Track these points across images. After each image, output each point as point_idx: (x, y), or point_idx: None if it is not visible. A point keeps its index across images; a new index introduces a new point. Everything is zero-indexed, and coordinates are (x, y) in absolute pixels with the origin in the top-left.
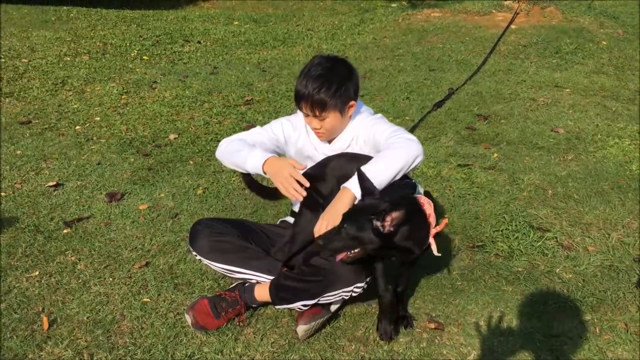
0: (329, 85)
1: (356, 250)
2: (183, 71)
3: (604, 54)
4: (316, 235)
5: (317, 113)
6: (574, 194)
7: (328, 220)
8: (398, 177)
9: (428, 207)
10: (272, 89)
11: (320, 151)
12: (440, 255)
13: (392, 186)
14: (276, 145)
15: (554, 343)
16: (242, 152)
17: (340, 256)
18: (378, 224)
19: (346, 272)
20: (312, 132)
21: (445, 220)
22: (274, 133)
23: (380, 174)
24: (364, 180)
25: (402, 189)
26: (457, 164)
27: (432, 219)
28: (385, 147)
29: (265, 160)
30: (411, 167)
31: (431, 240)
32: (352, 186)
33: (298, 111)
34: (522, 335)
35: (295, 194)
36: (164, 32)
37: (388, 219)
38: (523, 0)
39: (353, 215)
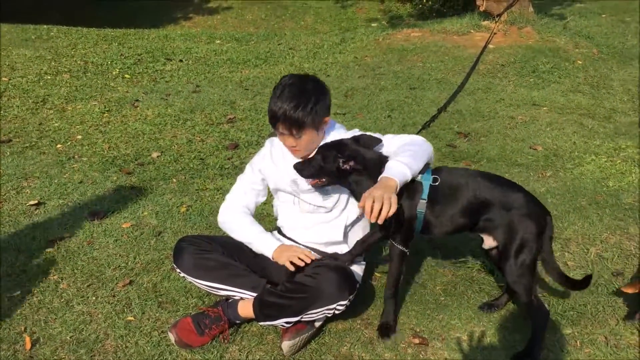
0: (305, 104)
1: (323, 180)
2: (165, 90)
3: (579, 73)
4: (374, 212)
5: (294, 132)
6: (553, 210)
7: (381, 197)
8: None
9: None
10: (255, 107)
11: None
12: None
13: None
14: (264, 184)
15: None
16: (248, 235)
17: (312, 182)
18: (340, 162)
19: (329, 290)
20: (276, 155)
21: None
22: (254, 176)
23: (413, 163)
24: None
25: None
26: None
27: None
28: (409, 143)
29: (274, 250)
30: (429, 160)
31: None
32: (394, 175)
33: (266, 142)
34: (504, 350)
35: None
36: (145, 51)
37: (352, 164)
38: (500, 21)
39: (325, 149)
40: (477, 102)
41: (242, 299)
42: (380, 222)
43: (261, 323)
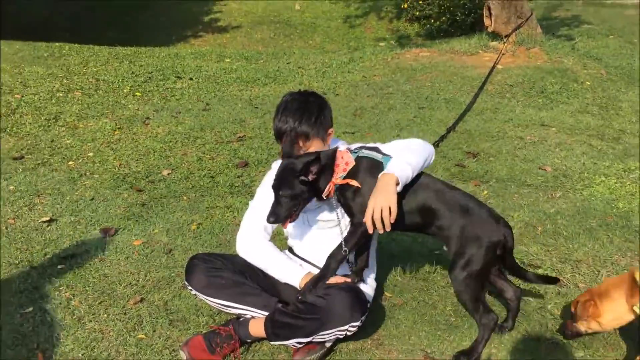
0: (309, 116)
1: (297, 209)
2: (175, 107)
3: (588, 94)
4: (373, 220)
5: (301, 144)
6: (563, 231)
7: (382, 205)
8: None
9: (341, 160)
10: (265, 125)
11: None
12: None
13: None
14: None
15: None
16: (273, 265)
17: (287, 221)
18: (303, 178)
19: (342, 311)
20: None
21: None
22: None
23: (413, 160)
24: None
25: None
26: None
27: (337, 169)
28: (406, 144)
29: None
30: (429, 163)
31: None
32: (394, 171)
33: (272, 165)
34: None
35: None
36: (156, 69)
37: (312, 169)
38: (508, 42)
39: (282, 182)
40: (486, 122)
41: (253, 317)
42: (387, 229)
43: (272, 342)
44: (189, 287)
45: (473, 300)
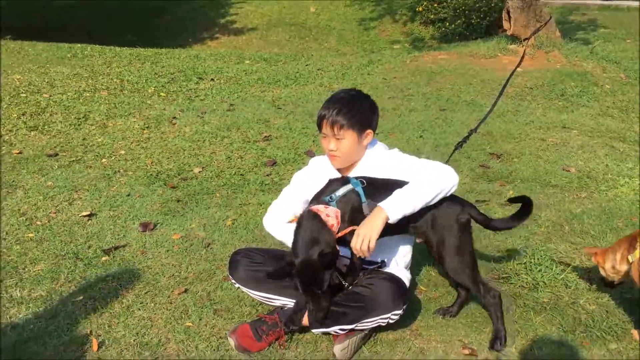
0: (349, 108)
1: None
2: (200, 107)
3: (608, 97)
4: (356, 250)
5: (336, 131)
6: (590, 230)
7: (364, 237)
8: (432, 203)
9: (327, 218)
10: (289, 125)
11: None
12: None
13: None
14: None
15: None
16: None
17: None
18: (336, 273)
19: (385, 300)
20: (319, 174)
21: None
22: (299, 186)
23: (415, 198)
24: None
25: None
26: (475, 200)
27: (333, 228)
28: (425, 173)
29: None
30: (446, 195)
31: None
32: (387, 207)
33: (311, 160)
34: None
35: None
36: (178, 70)
37: (342, 265)
38: (528, 45)
39: (314, 280)
40: (507, 124)
41: None
42: (367, 256)
43: (315, 331)
44: (232, 281)
45: (473, 281)
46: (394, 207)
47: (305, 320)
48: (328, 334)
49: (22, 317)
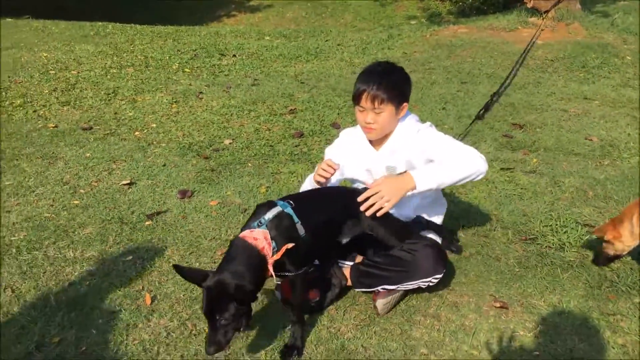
0: (389, 81)
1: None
2: (225, 82)
3: (629, 69)
4: (370, 201)
5: (376, 105)
6: (614, 195)
7: (386, 195)
8: (456, 184)
9: (260, 242)
10: (313, 99)
11: (371, 158)
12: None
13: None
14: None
15: (610, 320)
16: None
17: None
18: (237, 301)
19: (427, 265)
20: (351, 146)
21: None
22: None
23: (445, 176)
24: None
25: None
26: (500, 167)
27: (265, 251)
28: (458, 155)
29: None
30: (472, 180)
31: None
32: (417, 177)
33: (340, 133)
34: (581, 314)
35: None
36: (200, 47)
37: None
38: (547, 18)
39: (219, 309)
40: (529, 96)
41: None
42: (368, 214)
43: (357, 290)
44: None
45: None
46: (423, 179)
47: (347, 278)
48: (371, 292)
49: (78, 274)
